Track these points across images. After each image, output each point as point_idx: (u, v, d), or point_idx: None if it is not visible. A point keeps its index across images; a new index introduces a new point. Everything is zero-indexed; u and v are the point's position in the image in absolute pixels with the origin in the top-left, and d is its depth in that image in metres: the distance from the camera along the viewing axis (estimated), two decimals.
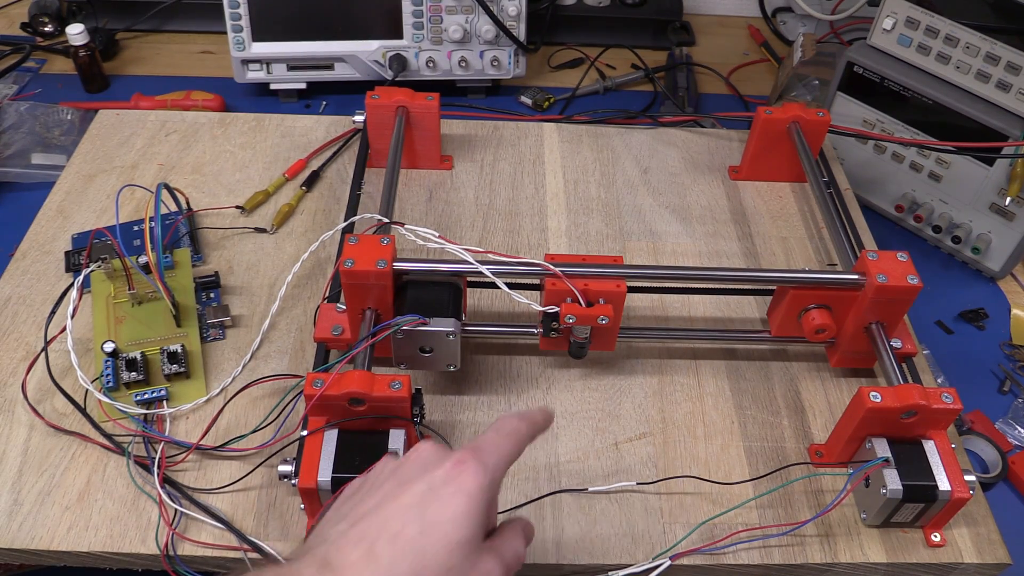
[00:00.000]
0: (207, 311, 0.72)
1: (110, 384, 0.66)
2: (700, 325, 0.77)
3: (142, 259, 0.71)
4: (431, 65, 1.05)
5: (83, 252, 0.74)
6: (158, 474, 0.61)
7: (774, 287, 0.71)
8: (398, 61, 1.03)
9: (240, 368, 0.69)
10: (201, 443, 0.63)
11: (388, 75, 1.04)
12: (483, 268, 0.64)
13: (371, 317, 0.64)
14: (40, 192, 0.85)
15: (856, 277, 0.67)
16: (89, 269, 0.71)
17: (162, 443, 0.63)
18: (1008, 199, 0.85)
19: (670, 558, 0.59)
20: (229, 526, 0.59)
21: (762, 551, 0.61)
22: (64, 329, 0.66)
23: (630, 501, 0.63)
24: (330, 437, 0.57)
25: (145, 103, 1.02)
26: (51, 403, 0.66)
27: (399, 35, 1.03)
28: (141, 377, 0.66)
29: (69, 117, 0.99)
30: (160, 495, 0.60)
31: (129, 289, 0.71)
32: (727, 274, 0.73)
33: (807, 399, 0.71)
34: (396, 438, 0.58)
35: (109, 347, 0.67)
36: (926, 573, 0.63)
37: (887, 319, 0.68)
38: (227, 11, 0.98)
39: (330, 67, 1.05)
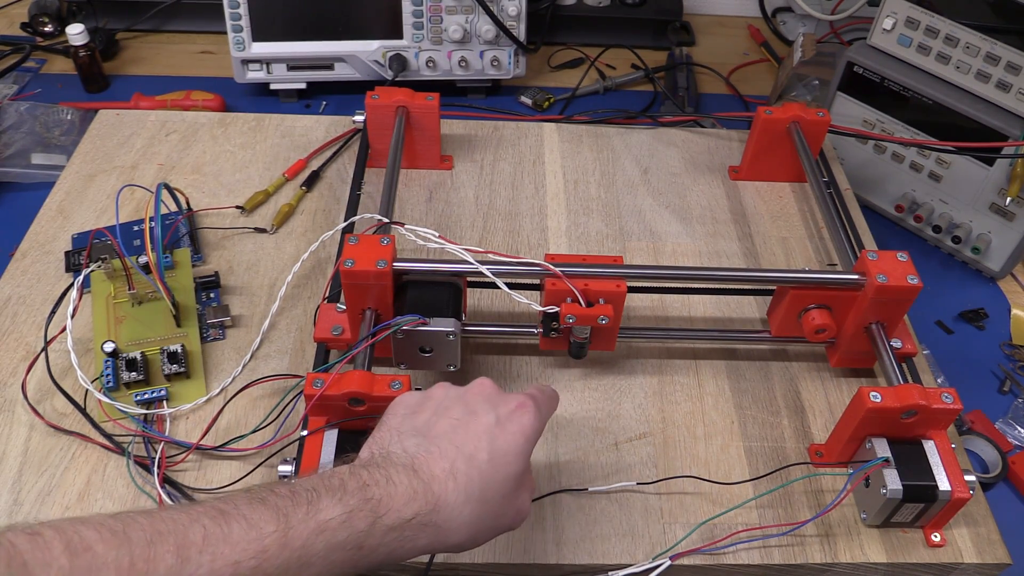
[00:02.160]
0: (207, 311, 0.72)
1: (110, 384, 0.66)
2: (700, 325, 0.77)
3: (142, 259, 0.71)
4: (431, 65, 1.05)
5: (83, 252, 0.74)
6: (158, 474, 0.61)
7: (774, 287, 0.71)
8: (398, 61, 1.03)
9: (240, 368, 0.69)
10: (201, 443, 0.63)
11: (388, 75, 1.04)
12: (483, 268, 0.64)
13: (371, 317, 0.64)
14: (40, 192, 0.85)
15: (856, 277, 0.67)
16: (89, 269, 0.71)
17: (162, 443, 0.63)
18: (1008, 199, 0.85)
19: (670, 558, 0.59)
20: None
21: (762, 551, 0.61)
22: (64, 329, 0.66)
23: (630, 501, 0.63)
24: (330, 437, 0.57)
25: (145, 103, 1.02)
26: (51, 403, 0.66)
27: (399, 35, 1.03)
28: (141, 377, 0.66)
29: (69, 117, 0.99)
30: (160, 495, 0.60)
31: (129, 289, 0.71)
32: (727, 274, 0.73)
33: (807, 399, 0.71)
34: None
35: (109, 347, 0.67)
36: (926, 573, 0.63)
37: (887, 319, 0.68)
38: (227, 11, 0.98)
39: (330, 67, 1.05)
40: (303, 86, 1.06)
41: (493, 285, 0.63)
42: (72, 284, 0.70)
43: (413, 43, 1.03)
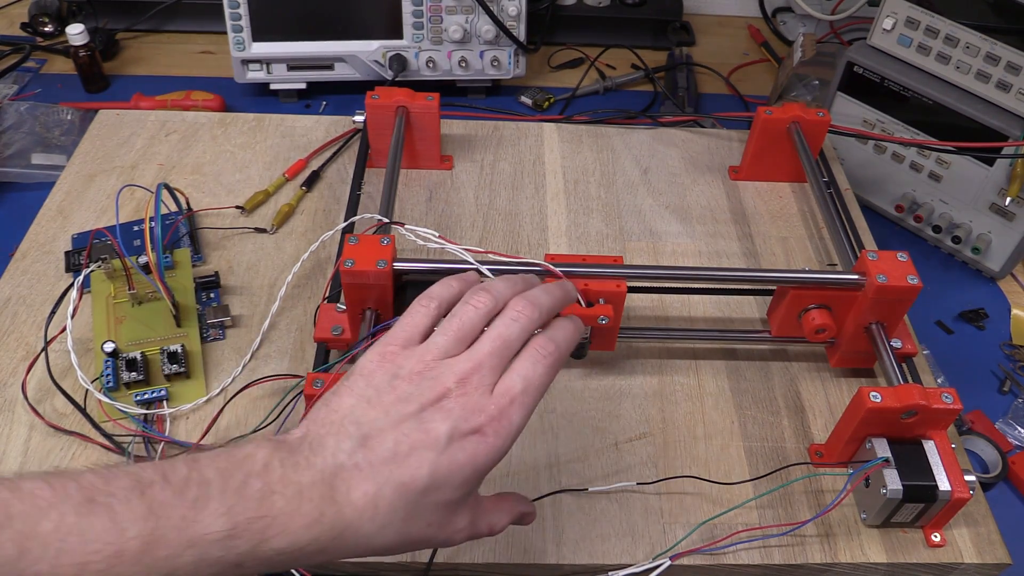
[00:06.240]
0: (207, 311, 0.72)
1: (110, 384, 0.66)
2: (700, 325, 0.77)
3: (142, 259, 0.71)
4: (431, 65, 1.05)
5: (83, 252, 0.74)
6: None
7: (774, 287, 0.71)
8: (398, 61, 1.03)
9: (240, 368, 0.69)
10: (201, 443, 0.63)
11: (388, 75, 1.04)
12: (483, 268, 0.63)
13: (371, 317, 0.64)
14: (40, 192, 0.85)
15: (856, 277, 0.67)
16: (89, 269, 0.71)
17: (162, 443, 0.63)
18: (1008, 199, 0.85)
19: (670, 558, 0.59)
20: None
21: (762, 551, 0.61)
22: (64, 329, 0.66)
23: (630, 501, 0.63)
24: None
25: (145, 103, 1.02)
26: (51, 403, 0.66)
27: (399, 35, 1.03)
28: (141, 377, 0.66)
29: (69, 117, 0.99)
30: None
31: (129, 289, 0.71)
32: (727, 274, 0.73)
33: (807, 399, 0.71)
34: None
35: (109, 347, 0.67)
36: (926, 573, 0.63)
37: (887, 319, 0.68)
38: (227, 11, 0.98)
39: (330, 67, 1.05)
40: (303, 86, 1.06)
41: None
42: (72, 284, 0.70)
43: (413, 43, 1.03)
